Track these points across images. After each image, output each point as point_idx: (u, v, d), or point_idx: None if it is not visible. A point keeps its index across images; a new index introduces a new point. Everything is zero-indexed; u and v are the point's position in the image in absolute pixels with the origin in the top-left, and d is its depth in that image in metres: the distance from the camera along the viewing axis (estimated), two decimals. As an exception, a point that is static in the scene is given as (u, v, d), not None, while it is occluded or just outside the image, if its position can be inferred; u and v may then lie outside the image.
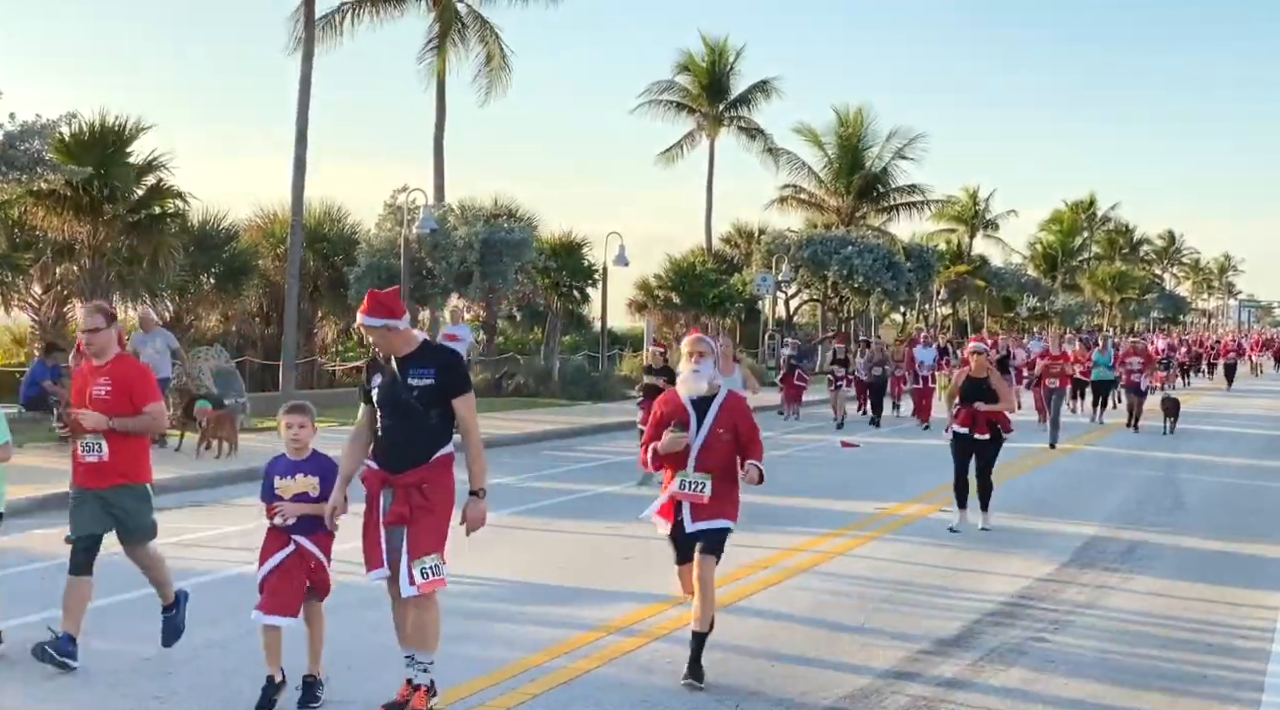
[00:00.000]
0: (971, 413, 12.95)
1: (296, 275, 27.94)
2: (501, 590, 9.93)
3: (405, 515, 6.62)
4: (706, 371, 7.72)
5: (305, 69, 27.68)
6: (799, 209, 56.25)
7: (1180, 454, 21.65)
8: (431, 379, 6.61)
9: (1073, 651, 8.46)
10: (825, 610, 9.49)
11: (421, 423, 6.62)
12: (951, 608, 9.66)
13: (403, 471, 6.63)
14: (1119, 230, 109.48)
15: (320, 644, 7.19)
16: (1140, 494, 16.57)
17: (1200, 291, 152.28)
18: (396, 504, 6.65)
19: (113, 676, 7.48)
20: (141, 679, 7.48)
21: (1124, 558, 11.98)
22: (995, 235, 77.86)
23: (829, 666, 7.95)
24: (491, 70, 34.23)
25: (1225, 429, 27.75)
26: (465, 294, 31.18)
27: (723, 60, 49.12)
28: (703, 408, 7.67)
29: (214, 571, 10.63)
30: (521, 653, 8.06)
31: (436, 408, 6.63)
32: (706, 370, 7.71)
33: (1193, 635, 9.04)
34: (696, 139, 49.78)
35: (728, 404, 7.72)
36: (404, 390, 6.62)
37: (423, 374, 6.62)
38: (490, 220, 31.70)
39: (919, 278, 51.90)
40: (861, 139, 54.70)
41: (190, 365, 22.55)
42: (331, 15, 32.14)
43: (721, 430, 7.62)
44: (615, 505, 14.55)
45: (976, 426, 12.95)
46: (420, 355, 6.72)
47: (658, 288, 45.20)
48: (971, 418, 12.96)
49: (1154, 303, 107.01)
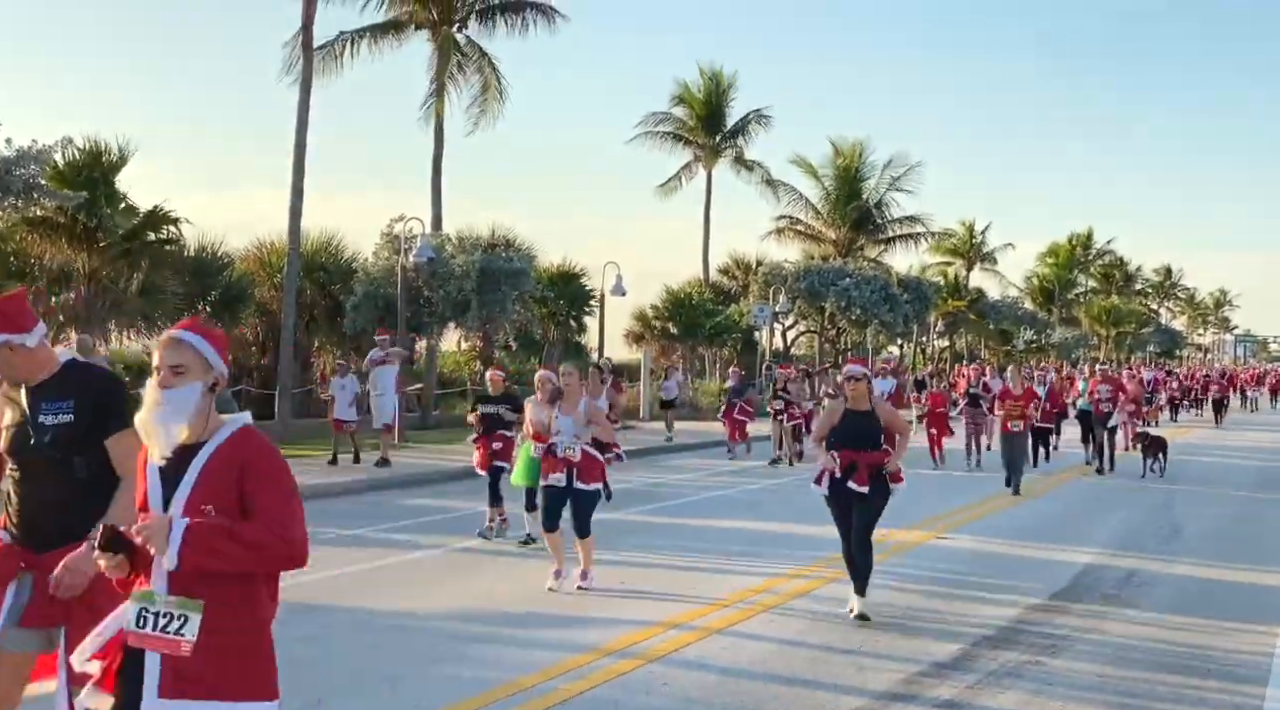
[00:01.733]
0: (850, 457, 9.97)
1: (293, 304, 27.93)
2: (493, 616, 9.85)
3: (56, 615, 4.75)
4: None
5: (303, 98, 27.76)
6: (796, 240, 56.40)
7: (1177, 484, 21.59)
8: (70, 415, 4.86)
9: (1070, 675, 8.40)
10: (820, 634, 9.43)
11: (64, 477, 4.83)
12: (948, 631, 9.60)
13: (47, 550, 4.79)
14: (1115, 264, 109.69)
15: None
16: (1137, 522, 16.52)
17: (1196, 326, 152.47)
18: (37, 599, 4.79)
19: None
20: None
21: (1121, 584, 11.92)
22: (992, 268, 78.01)
23: (825, 688, 7.89)
24: (486, 100, 34.37)
25: (1221, 460, 27.69)
26: (463, 323, 31.18)
27: (719, 92, 49.39)
28: None
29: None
30: (514, 674, 7.99)
31: (81, 454, 4.84)
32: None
33: (1191, 661, 8.97)
34: (694, 170, 50.02)
35: None
36: (35, 432, 4.87)
37: (59, 409, 4.87)
38: (488, 249, 31.75)
39: (916, 310, 51.95)
40: (858, 171, 54.89)
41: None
42: (330, 45, 32.28)
43: None
44: (609, 531, 14.53)
45: (855, 474, 9.95)
46: (59, 383, 4.96)
47: (655, 318, 45.26)
48: (849, 464, 9.96)
49: (1150, 337, 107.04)
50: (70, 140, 22.17)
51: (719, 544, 13.70)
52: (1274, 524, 16.95)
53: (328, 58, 32.08)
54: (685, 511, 16.72)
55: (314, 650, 8.61)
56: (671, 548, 13.46)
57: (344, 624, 9.47)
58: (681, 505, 17.44)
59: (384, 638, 9.01)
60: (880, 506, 10.10)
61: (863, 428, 10.04)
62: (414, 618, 9.77)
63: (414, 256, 27.43)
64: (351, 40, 32.82)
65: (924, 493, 18.26)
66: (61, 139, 21.15)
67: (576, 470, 11.00)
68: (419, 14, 33.60)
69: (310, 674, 7.95)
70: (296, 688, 7.61)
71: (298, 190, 27.56)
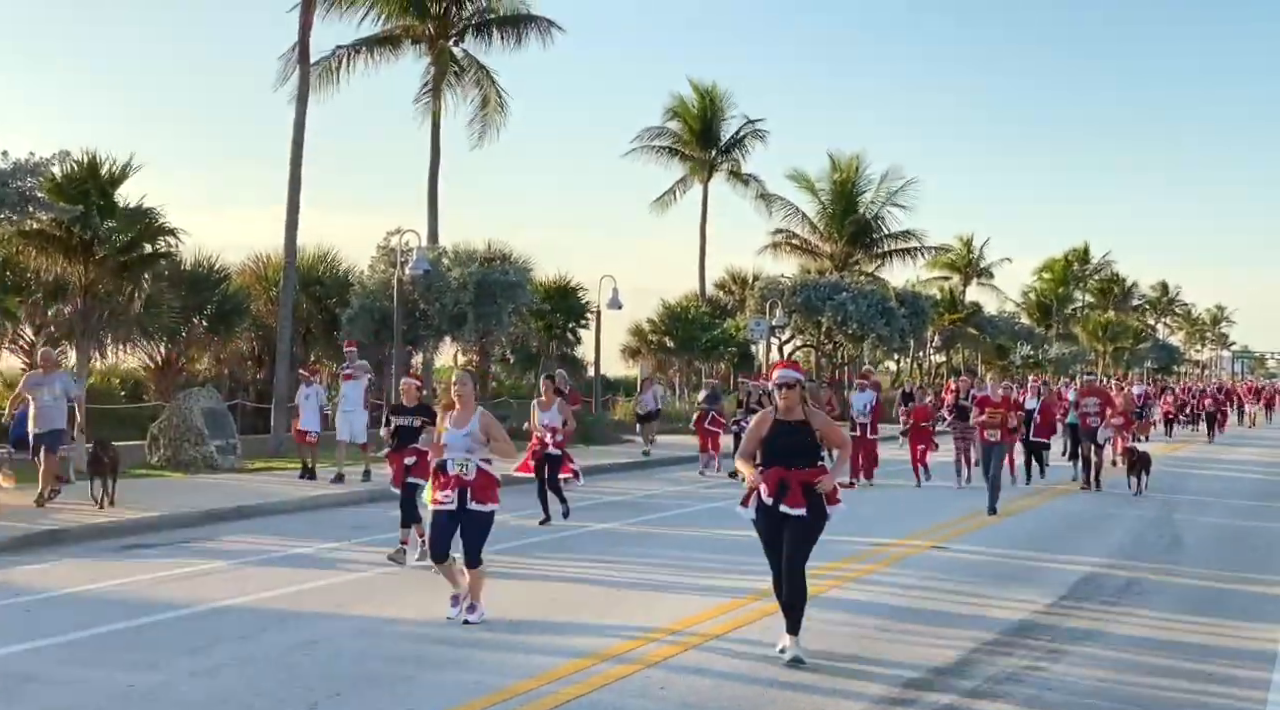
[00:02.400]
0: (781, 475, 8.77)
1: (289, 316, 27.90)
2: (492, 623, 9.79)
3: None
4: None
5: (299, 112, 27.81)
6: (792, 254, 56.36)
7: (1176, 495, 21.54)
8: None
9: (1071, 680, 8.34)
10: (821, 640, 9.36)
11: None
12: (947, 638, 9.54)
13: None
14: (1112, 280, 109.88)
15: None
16: (1137, 532, 16.47)
17: (1194, 342, 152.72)
18: None
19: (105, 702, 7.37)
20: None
21: (1122, 592, 11.87)
22: (989, 282, 78.06)
23: (823, 692, 7.83)
24: (487, 114, 34.41)
25: (1220, 473, 27.65)
26: (459, 336, 31.12)
27: (714, 106, 49.43)
28: None
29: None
30: (513, 679, 7.94)
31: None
32: None
33: (1192, 665, 8.92)
34: (689, 184, 50.04)
35: None
36: None
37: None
38: (484, 263, 31.69)
39: (913, 324, 51.90)
40: (855, 185, 54.88)
41: (182, 405, 22.52)
42: (327, 60, 32.31)
43: None
44: (608, 541, 14.53)
45: (787, 495, 8.71)
46: None
47: (651, 332, 45.22)
48: (779, 483, 8.75)
49: (1147, 352, 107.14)
50: (68, 153, 22.10)
51: (713, 553, 13.64)
52: (1273, 535, 16.90)
53: (324, 72, 32.11)
54: (677, 522, 16.63)
55: (313, 655, 8.57)
56: (663, 557, 13.39)
57: (344, 631, 9.41)
58: (675, 516, 17.36)
59: (382, 643, 8.96)
60: (816, 532, 8.86)
61: (795, 441, 8.81)
62: (411, 624, 9.72)
63: (410, 269, 27.32)
64: (348, 54, 32.87)
65: (918, 505, 18.25)
66: (59, 152, 21.07)
67: (470, 491, 9.84)
68: (415, 28, 33.66)
69: (307, 678, 7.91)
70: (294, 690, 7.58)
71: (294, 203, 27.58)
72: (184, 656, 8.45)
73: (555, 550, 13.78)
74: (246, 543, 14.01)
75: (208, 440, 22.00)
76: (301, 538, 14.37)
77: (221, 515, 16.06)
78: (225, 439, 22.63)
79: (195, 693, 7.60)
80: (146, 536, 14.27)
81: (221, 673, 8.05)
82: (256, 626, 9.51)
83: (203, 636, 9.11)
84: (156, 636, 9.18)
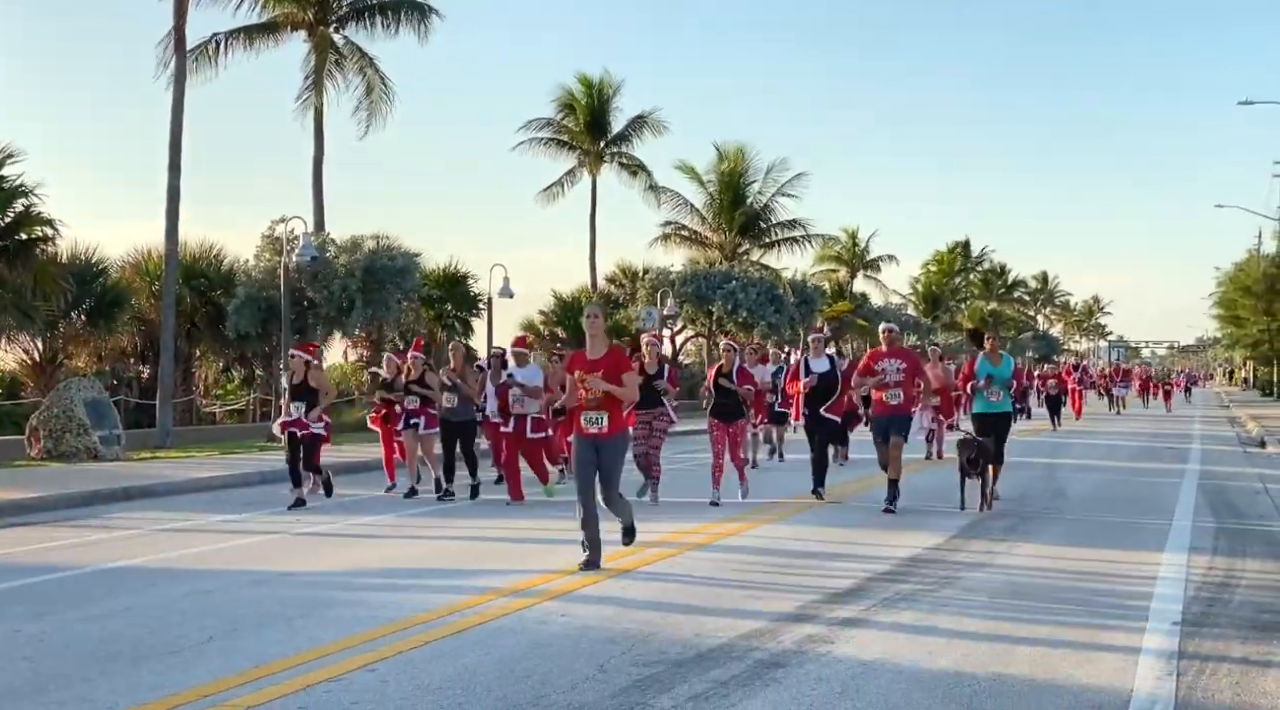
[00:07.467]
0: None
1: (173, 306, 27.30)
2: (391, 570, 9.71)
3: None
4: None
5: (177, 97, 27.21)
6: (682, 246, 56.53)
7: (1059, 458, 22.08)
8: None
9: (964, 599, 8.52)
10: (721, 572, 9.45)
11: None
12: (843, 570, 9.68)
13: None
14: (994, 271, 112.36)
15: None
16: (1022, 488, 16.80)
17: (1072, 332, 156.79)
18: None
19: None
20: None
21: (1009, 531, 12.15)
22: (875, 276, 79.30)
23: (723, 614, 7.89)
24: (372, 102, 33.99)
25: (1098, 442, 28.41)
26: (347, 325, 30.73)
27: (603, 97, 49.39)
28: None
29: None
30: (410, 613, 7.88)
31: None
32: None
33: (1079, 582, 9.19)
34: (578, 176, 49.89)
35: None
36: None
37: None
38: (373, 253, 31.33)
39: (802, 313, 52.43)
40: (743, 175, 55.24)
41: (64, 395, 21.91)
42: (204, 45, 31.65)
43: None
44: (506, 510, 14.54)
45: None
46: None
47: (543, 324, 45.11)
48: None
49: (1029, 342, 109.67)
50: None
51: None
52: (1151, 488, 17.42)
53: (201, 58, 31.43)
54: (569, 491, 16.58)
55: (208, 601, 8.44)
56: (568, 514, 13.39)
57: (239, 582, 9.26)
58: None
59: (279, 591, 8.83)
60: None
61: None
62: (309, 575, 9.61)
63: (296, 256, 26.93)
64: (225, 40, 32.24)
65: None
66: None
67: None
68: (295, 14, 33.15)
69: (202, 619, 7.78)
70: (187, 630, 7.46)
71: (174, 192, 26.95)
72: (73, 608, 8.26)
73: (455, 514, 13.71)
74: (135, 518, 13.68)
75: (91, 431, 21.46)
76: (193, 512, 14.10)
77: (110, 495, 15.67)
78: (109, 429, 22.09)
79: (86, 635, 7.43)
80: (28, 517, 13.86)
81: (114, 619, 7.87)
82: (148, 582, 9.32)
83: (94, 591, 8.91)
84: (45, 592, 8.97)
